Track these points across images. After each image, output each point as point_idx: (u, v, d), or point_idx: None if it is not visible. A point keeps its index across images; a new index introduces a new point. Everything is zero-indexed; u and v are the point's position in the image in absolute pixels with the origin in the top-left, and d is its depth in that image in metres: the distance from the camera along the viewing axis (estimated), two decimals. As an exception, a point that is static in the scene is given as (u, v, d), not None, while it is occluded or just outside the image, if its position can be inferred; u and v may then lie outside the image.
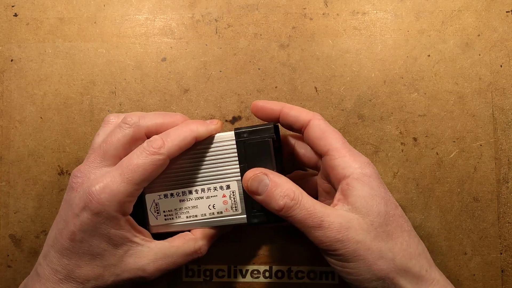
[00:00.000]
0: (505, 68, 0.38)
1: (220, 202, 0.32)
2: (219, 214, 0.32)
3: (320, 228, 0.27)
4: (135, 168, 0.28)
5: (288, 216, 0.28)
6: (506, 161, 0.37)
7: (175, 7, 0.39)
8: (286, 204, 0.28)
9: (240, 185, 0.32)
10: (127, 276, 0.29)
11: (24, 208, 0.38)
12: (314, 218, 0.27)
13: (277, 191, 0.28)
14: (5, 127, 0.39)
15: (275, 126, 0.32)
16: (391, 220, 0.28)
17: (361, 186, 0.28)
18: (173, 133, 0.30)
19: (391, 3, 0.38)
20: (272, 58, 0.38)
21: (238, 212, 0.32)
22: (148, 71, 0.39)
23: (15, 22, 0.39)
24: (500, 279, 0.37)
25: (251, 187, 0.29)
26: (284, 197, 0.28)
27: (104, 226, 0.28)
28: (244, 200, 0.32)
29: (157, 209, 0.33)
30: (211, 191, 0.32)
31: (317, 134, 0.31)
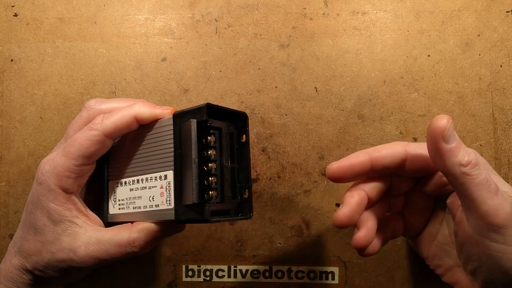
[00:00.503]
0: (505, 68, 0.38)
1: (158, 193, 0.28)
2: (156, 207, 0.29)
3: (497, 195, 0.24)
4: (73, 142, 0.29)
5: (471, 175, 0.24)
6: (506, 161, 0.37)
7: (175, 7, 0.39)
8: (474, 159, 0.24)
9: (174, 176, 0.28)
10: (60, 256, 0.29)
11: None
12: (492, 183, 0.24)
13: (463, 146, 0.25)
14: (5, 127, 0.39)
15: (211, 107, 0.27)
16: None
17: (488, 172, 0.25)
18: (114, 112, 0.29)
19: (391, 3, 0.38)
20: (272, 58, 0.38)
21: (170, 207, 0.28)
22: (148, 71, 0.39)
23: (15, 22, 0.39)
24: (500, 279, 0.37)
25: (448, 132, 0.25)
26: (470, 152, 0.25)
27: (44, 199, 0.29)
28: (174, 193, 0.27)
29: (114, 197, 0.31)
30: (152, 181, 0.29)
31: (424, 156, 0.28)
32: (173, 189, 0.28)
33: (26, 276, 0.30)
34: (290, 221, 0.38)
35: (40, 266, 0.29)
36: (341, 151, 0.38)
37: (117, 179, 0.31)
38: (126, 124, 0.29)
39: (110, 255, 0.29)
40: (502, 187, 0.26)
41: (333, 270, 0.38)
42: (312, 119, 0.38)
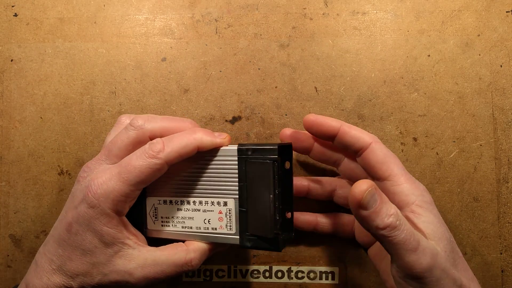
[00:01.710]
0: (505, 68, 0.38)
1: (216, 218, 0.31)
2: (213, 230, 0.31)
3: (416, 252, 0.26)
4: (132, 169, 0.28)
5: (389, 236, 0.26)
6: (506, 161, 0.37)
7: (175, 7, 0.39)
8: (392, 223, 0.26)
9: (237, 205, 0.30)
10: (114, 277, 0.29)
11: (24, 208, 0.38)
12: (413, 240, 0.26)
13: (384, 208, 0.26)
14: (5, 127, 0.39)
15: (282, 146, 0.30)
16: (454, 246, 0.28)
17: (427, 213, 0.28)
18: (176, 139, 0.29)
19: (391, 3, 0.38)
20: (272, 58, 0.38)
21: (232, 232, 0.30)
22: (148, 71, 0.39)
23: (15, 22, 0.39)
24: (500, 279, 0.37)
25: (364, 200, 0.26)
26: (390, 215, 0.26)
27: (97, 222, 0.28)
28: (239, 221, 0.30)
29: (155, 213, 0.32)
30: (208, 205, 0.31)
31: (379, 158, 0.30)
32: (234, 217, 0.30)
33: None
34: (290, 221, 0.38)
35: (89, 286, 0.29)
36: (341, 151, 0.38)
37: (158, 196, 0.32)
38: (189, 154, 0.29)
39: (166, 275, 0.29)
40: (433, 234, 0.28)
41: (333, 270, 0.38)
42: (312, 119, 0.38)
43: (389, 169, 0.29)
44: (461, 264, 0.28)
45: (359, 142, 0.30)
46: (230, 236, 0.30)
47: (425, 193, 0.29)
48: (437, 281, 0.26)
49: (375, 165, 0.30)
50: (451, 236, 0.29)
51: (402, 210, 0.29)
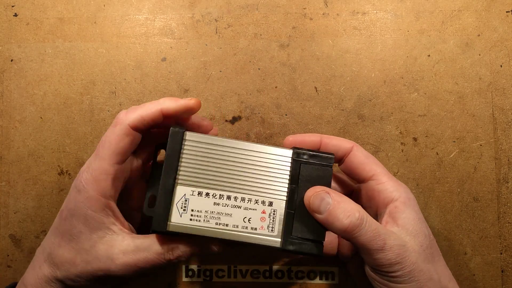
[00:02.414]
0: (505, 68, 0.38)
1: (258, 217, 0.29)
2: (252, 230, 0.29)
3: (382, 250, 0.27)
4: (102, 143, 0.29)
5: (352, 237, 0.27)
6: (506, 161, 0.37)
7: (175, 7, 0.39)
8: (351, 223, 0.27)
9: (285, 206, 0.30)
10: (96, 265, 0.28)
11: (24, 208, 0.38)
12: (378, 239, 0.27)
13: (340, 210, 0.27)
14: (5, 127, 0.39)
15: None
16: (432, 243, 0.29)
17: (408, 209, 0.29)
18: (139, 106, 0.30)
19: (391, 3, 0.38)
20: (272, 58, 0.38)
21: (274, 234, 0.29)
22: (148, 71, 0.39)
23: (15, 22, 0.39)
24: (500, 279, 0.37)
25: (312, 204, 0.28)
26: (348, 216, 0.27)
27: (82, 205, 0.28)
28: (284, 223, 0.29)
29: (185, 205, 0.29)
30: (251, 203, 0.29)
31: (361, 160, 0.31)
32: (278, 218, 0.29)
33: (56, 286, 0.29)
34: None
35: (73, 275, 0.28)
36: (341, 151, 0.38)
37: (193, 186, 0.29)
38: (152, 116, 0.29)
39: (149, 263, 0.28)
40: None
41: (333, 270, 0.38)
42: (312, 119, 0.38)
43: (372, 169, 0.31)
44: (439, 262, 0.29)
45: (341, 150, 0.32)
46: (270, 238, 0.29)
47: (408, 191, 0.30)
48: (409, 273, 0.27)
49: (358, 167, 0.31)
50: (430, 234, 0.30)
51: (387, 206, 0.30)
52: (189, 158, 0.30)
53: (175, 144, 0.29)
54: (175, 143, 0.29)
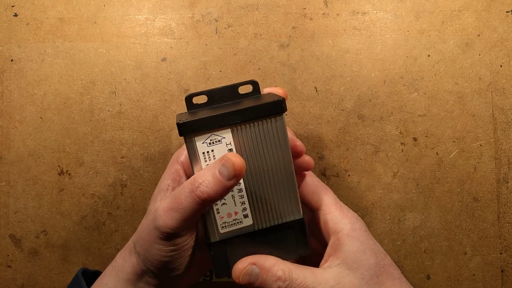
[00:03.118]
0: (505, 68, 0.38)
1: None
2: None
3: None
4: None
5: None
6: (506, 161, 0.37)
7: (175, 7, 0.39)
8: (280, 287, 0.28)
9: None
10: (149, 219, 0.29)
11: (24, 208, 0.38)
12: None
13: (269, 277, 0.28)
14: (5, 127, 0.39)
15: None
16: (381, 271, 0.29)
17: (351, 241, 0.29)
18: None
19: (391, 3, 0.38)
20: (272, 58, 0.38)
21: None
22: (148, 71, 0.39)
23: (15, 22, 0.39)
24: (500, 279, 0.37)
25: (243, 281, 0.29)
26: (276, 281, 0.28)
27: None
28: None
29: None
30: None
31: (311, 189, 0.31)
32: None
33: (135, 259, 0.30)
34: (290, 221, 0.38)
35: (139, 240, 0.29)
36: (341, 151, 0.38)
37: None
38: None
39: (183, 205, 0.27)
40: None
41: (333, 270, 0.38)
42: (312, 119, 0.38)
43: (320, 199, 0.31)
44: (392, 287, 0.29)
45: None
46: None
47: (355, 221, 0.30)
48: None
49: (307, 196, 0.31)
50: (379, 261, 0.29)
51: (332, 237, 0.30)
52: None
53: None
54: None
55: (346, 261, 0.29)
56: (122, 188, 0.38)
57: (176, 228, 0.27)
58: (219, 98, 0.30)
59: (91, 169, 0.38)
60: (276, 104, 0.27)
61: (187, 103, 0.30)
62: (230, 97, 0.30)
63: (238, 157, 0.26)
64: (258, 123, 0.28)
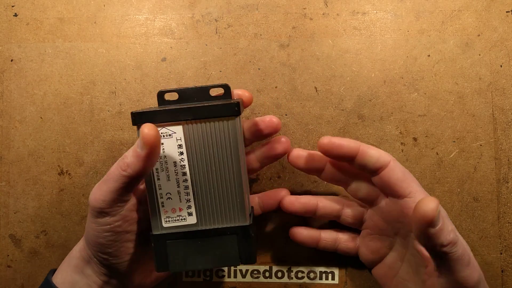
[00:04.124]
0: (505, 68, 0.38)
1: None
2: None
3: (468, 266, 0.27)
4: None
5: (450, 252, 0.27)
6: (506, 161, 0.37)
7: (175, 7, 0.39)
8: (453, 239, 0.26)
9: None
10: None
11: (24, 208, 0.38)
12: (466, 255, 0.27)
13: (446, 225, 0.27)
14: (5, 127, 0.39)
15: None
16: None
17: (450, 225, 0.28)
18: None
19: (391, 3, 0.38)
20: (272, 58, 0.38)
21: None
22: (148, 71, 0.39)
23: (15, 22, 0.39)
24: (500, 279, 0.37)
25: (436, 218, 0.26)
26: (451, 231, 0.27)
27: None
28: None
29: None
30: None
31: (399, 176, 0.30)
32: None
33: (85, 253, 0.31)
34: (291, 221, 0.38)
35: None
36: (341, 151, 0.38)
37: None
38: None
39: (110, 176, 0.28)
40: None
41: (333, 270, 0.38)
42: (312, 119, 0.38)
43: (409, 186, 0.30)
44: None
45: (379, 162, 0.31)
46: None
47: (441, 208, 0.29)
48: (462, 253, 0.27)
49: (396, 183, 0.30)
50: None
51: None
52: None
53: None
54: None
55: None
56: (122, 188, 0.38)
57: (102, 201, 0.27)
58: (189, 98, 0.30)
59: (91, 169, 0.38)
60: (229, 106, 0.27)
61: (158, 99, 0.30)
62: (200, 98, 0.30)
63: (149, 126, 0.26)
64: (209, 123, 0.28)
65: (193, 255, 0.29)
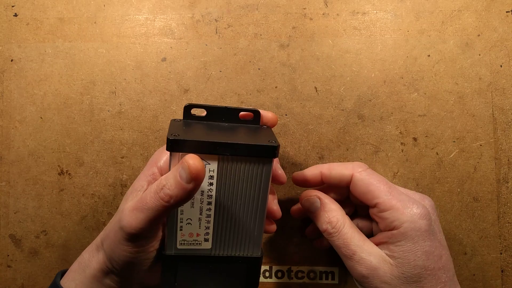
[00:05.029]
0: (505, 68, 0.38)
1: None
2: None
3: (351, 259, 0.30)
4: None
5: (328, 240, 0.31)
6: (506, 161, 0.37)
7: (175, 7, 0.39)
8: (327, 229, 0.31)
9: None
10: (115, 219, 0.30)
11: (24, 208, 0.38)
12: (347, 248, 0.30)
13: (324, 215, 0.32)
14: (5, 127, 0.39)
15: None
16: (427, 274, 0.29)
17: (405, 240, 0.29)
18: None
19: (391, 3, 0.38)
20: (272, 58, 0.38)
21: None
22: (148, 71, 0.39)
23: (15, 22, 0.39)
24: (500, 279, 0.37)
25: (304, 205, 0.33)
26: (327, 222, 0.31)
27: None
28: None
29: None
30: None
31: (362, 189, 0.31)
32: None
33: (100, 257, 0.30)
34: (290, 221, 0.38)
35: (106, 238, 0.30)
36: (341, 151, 0.38)
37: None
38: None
39: (148, 205, 0.27)
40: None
41: (333, 270, 0.38)
42: (312, 119, 0.38)
43: (374, 197, 0.31)
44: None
45: (343, 180, 0.33)
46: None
47: (417, 219, 0.29)
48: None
49: (361, 197, 0.32)
50: (435, 263, 0.29)
51: (386, 233, 0.30)
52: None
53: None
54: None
55: (394, 255, 0.29)
56: (122, 188, 0.38)
57: (140, 229, 0.27)
58: (217, 116, 0.30)
59: (91, 169, 0.38)
60: (270, 149, 0.27)
61: (184, 112, 0.30)
62: (228, 119, 0.30)
63: (195, 159, 0.26)
64: (246, 161, 0.28)
65: (201, 279, 0.30)
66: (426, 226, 0.29)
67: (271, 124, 0.32)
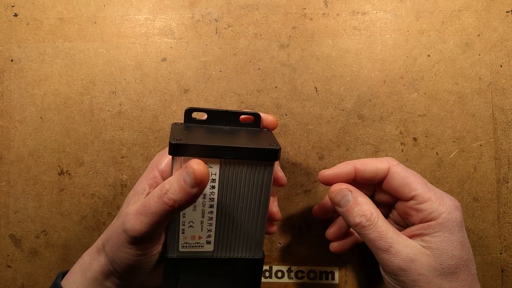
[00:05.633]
0: (505, 68, 0.38)
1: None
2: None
3: (387, 252, 0.29)
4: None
5: (361, 234, 0.30)
6: (506, 161, 0.37)
7: (175, 7, 0.39)
8: (361, 222, 0.30)
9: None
10: (118, 222, 0.30)
11: (24, 208, 0.38)
12: (383, 241, 0.29)
13: (356, 209, 0.30)
14: (5, 127, 0.39)
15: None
16: (462, 265, 0.29)
17: (442, 231, 0.29)
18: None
19: (391, 3, 0.38)
20: (272, 58, 0.38)
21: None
22: (148, 71, 0.39)
23: (15, 22, 0.39)
24: (500, 279, 0.37)
25: (335, 199, 0.31)
26: (361, 215, 0.30)
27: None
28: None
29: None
30: None
31: (399, 182, 0.31)
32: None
33: (103, 260, 0.30)
34: (290, 221, 0.38)
35: (107, 241, 0.29)
36: (341, 151, 0.38)
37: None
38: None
39: (152, 209, 0.27)
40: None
41: (333, 270, 0.38)
42: (312, 119, 0.38)
43: (411, 189, 0.31)
44: (464, 281, 0.29)
45: (378, 174, 0.32)
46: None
47: (453, 211, 0.30)
48: (413, 282, 0.29)
49: (398, 190, 0.31)
50: (467, 254, 0.30)
51: (422, 225, 0.30)
52: None
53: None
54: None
55: (430, 246, 0.29)
56: (122, 188, 0.38)
57: (143, 232, 0.27)
58: (218, 120, 0.31)
59: (91, 169, 0.38)
60: (272, 153, 0.28)
61: (185, 116, 0.30)
62: (229, 122, 0.31)
63: (200, 164, 0.26)
64: (248, 164, 0.28)
65: (203, 281, 0.30)
66: (460, 218, 0.30)
67: (271, 127, 0.32)
